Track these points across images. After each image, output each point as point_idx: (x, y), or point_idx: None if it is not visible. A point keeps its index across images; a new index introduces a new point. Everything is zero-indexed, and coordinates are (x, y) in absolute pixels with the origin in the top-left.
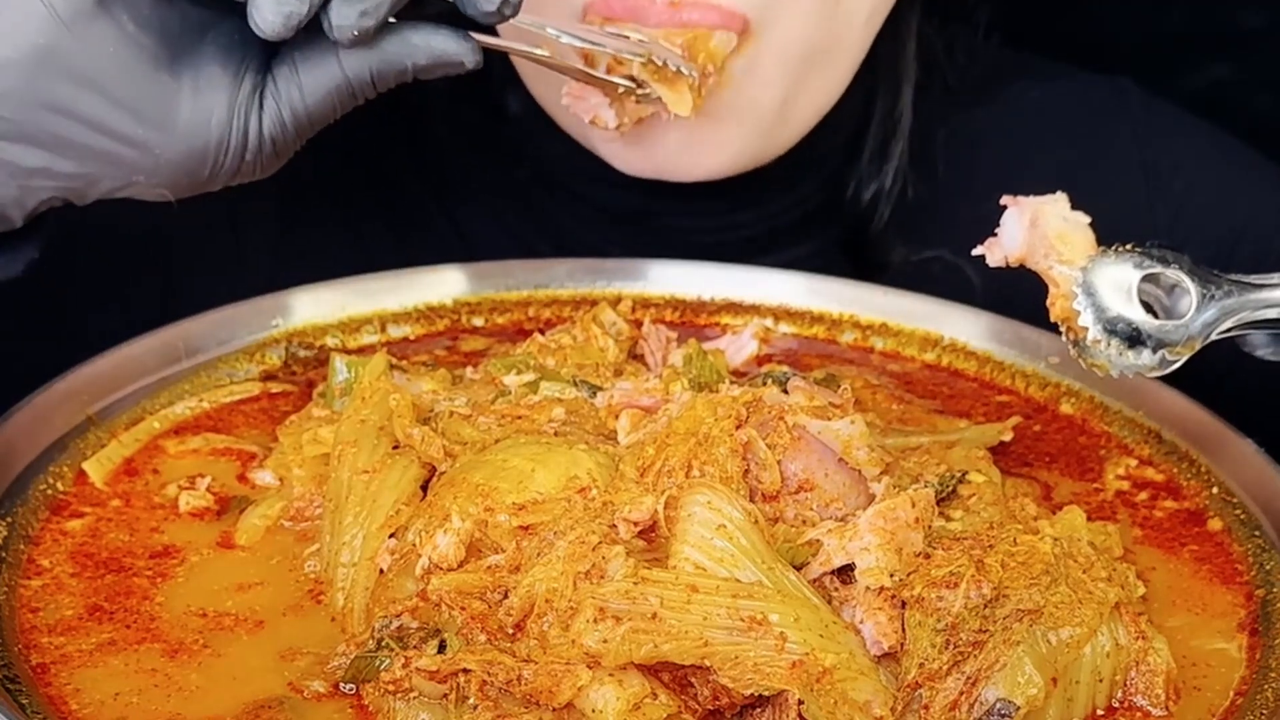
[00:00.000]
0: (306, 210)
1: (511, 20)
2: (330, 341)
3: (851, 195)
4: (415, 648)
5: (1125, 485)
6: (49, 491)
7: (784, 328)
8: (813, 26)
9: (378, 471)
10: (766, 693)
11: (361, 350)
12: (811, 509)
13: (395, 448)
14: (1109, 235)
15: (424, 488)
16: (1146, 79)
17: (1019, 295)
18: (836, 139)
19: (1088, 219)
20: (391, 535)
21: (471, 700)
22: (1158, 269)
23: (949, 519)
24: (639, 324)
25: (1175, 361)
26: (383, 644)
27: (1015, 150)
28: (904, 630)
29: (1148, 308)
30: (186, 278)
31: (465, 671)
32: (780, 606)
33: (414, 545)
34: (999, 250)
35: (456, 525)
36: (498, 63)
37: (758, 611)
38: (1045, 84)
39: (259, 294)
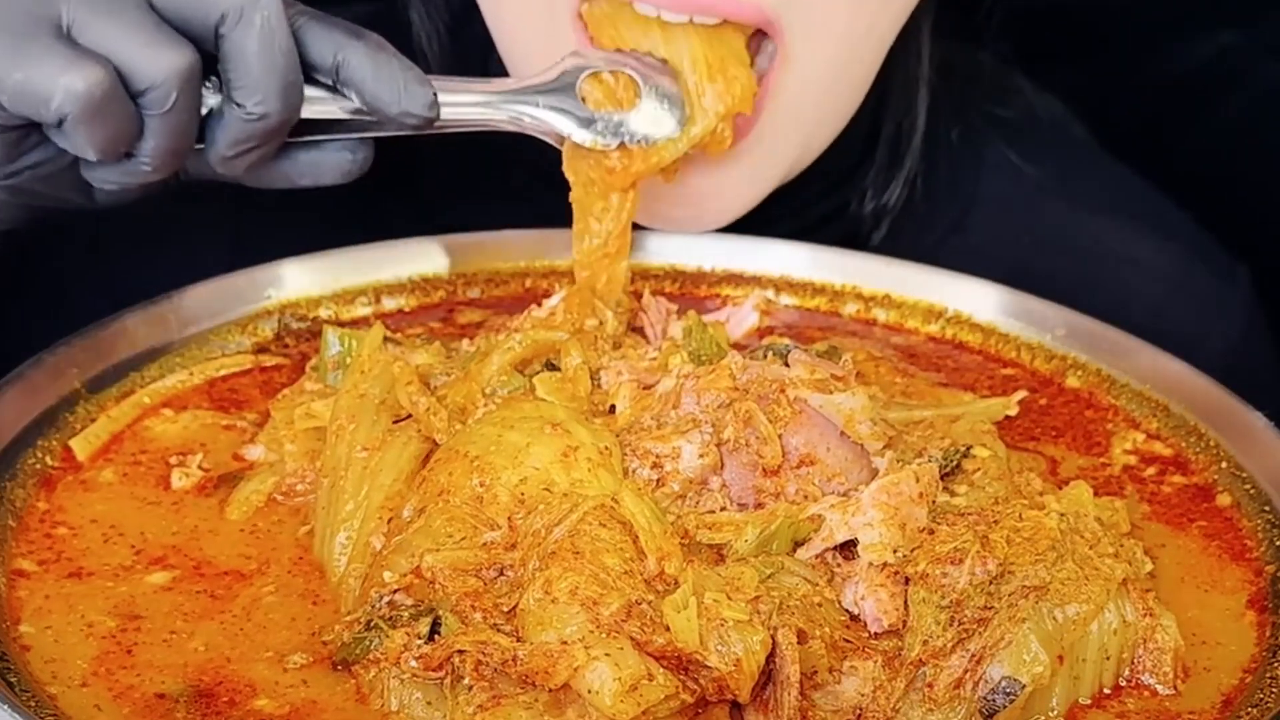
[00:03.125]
0: (267, 216)
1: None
2: (324, 313)
3: (855, 208)
4: (406, 626)
5: (1133, 460)
6: (38, 466)
7: (785, 299)
8: (845, 50)
9: (377, 449)
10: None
11: (355, 322)
12: (813, 484)
13: (395, 422)
14: None
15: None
16: (1154, 47)
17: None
18: (842, 150)
19: None
20: (390, 519)
21: (467, 681)
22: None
23: (953, 494)
24: (638, 295)
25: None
26: (372, 624)
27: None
28: (907, 607)
29: None
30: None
31: (460, 652)
32: None
33: (409, 521)
34: None
35: None
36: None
37: None
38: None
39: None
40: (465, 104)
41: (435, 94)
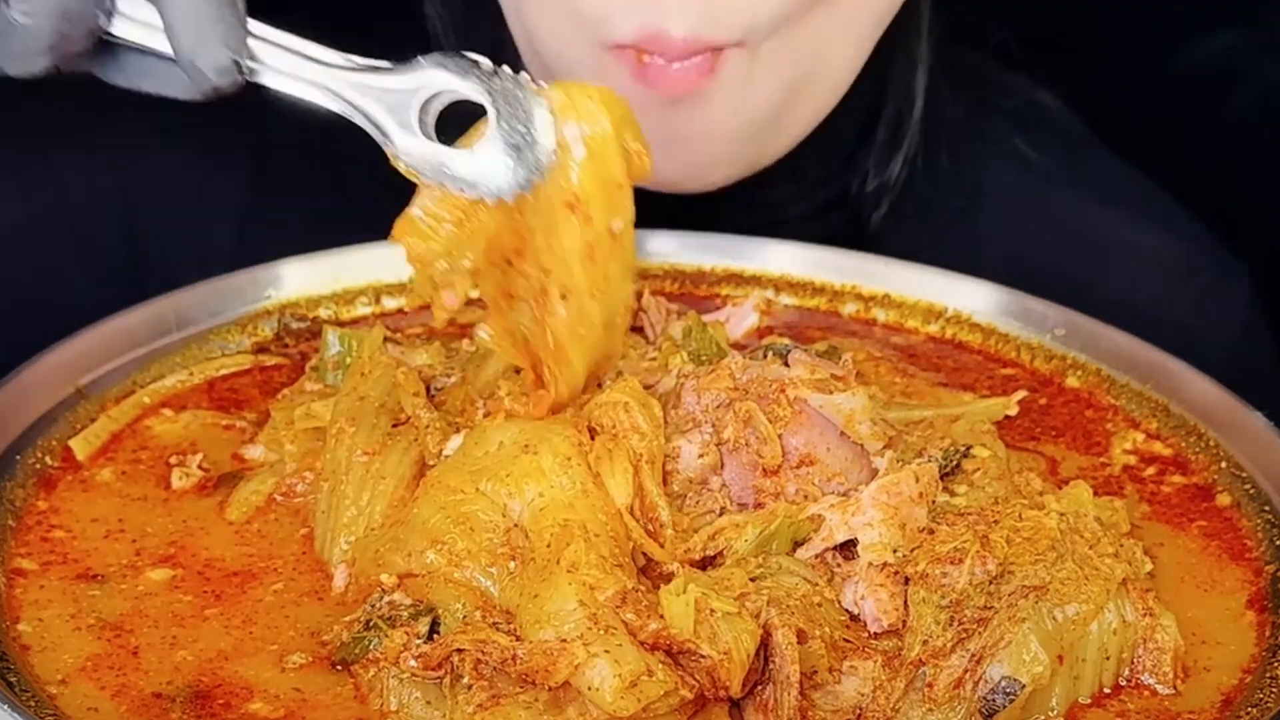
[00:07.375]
0: (282, 187)
1: None
2: (323, 313)
3: (857, 186)
4: (405, 626)
5: (1132, 460)
6: (38, 466)
7: (785, 299)
8: (800, 53)
9: (378, 454)
10: None
11: (355, 322)
12: (813, 484)
13: (395, 425)
14: None
15: None
16: (1157, 45)
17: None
18: (845, 130)
19: None
20: (390, 521)
21: (466, 680)
22: None
23: (953, 494)
24: (638, 295)
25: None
26: (371, 624)
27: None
28: (907, 607)
29: None
30: (154, 246)
31: (459, 651)
32: None
33: (409, 523)
34: None
35: None
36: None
37: None
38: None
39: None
40: (290, 75)
41: (237, 63)
